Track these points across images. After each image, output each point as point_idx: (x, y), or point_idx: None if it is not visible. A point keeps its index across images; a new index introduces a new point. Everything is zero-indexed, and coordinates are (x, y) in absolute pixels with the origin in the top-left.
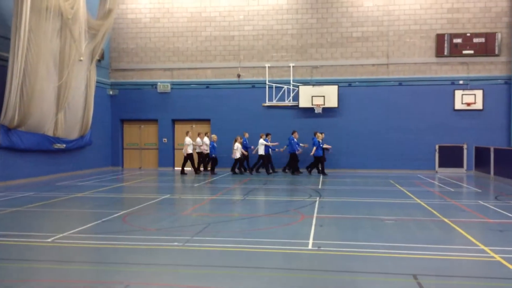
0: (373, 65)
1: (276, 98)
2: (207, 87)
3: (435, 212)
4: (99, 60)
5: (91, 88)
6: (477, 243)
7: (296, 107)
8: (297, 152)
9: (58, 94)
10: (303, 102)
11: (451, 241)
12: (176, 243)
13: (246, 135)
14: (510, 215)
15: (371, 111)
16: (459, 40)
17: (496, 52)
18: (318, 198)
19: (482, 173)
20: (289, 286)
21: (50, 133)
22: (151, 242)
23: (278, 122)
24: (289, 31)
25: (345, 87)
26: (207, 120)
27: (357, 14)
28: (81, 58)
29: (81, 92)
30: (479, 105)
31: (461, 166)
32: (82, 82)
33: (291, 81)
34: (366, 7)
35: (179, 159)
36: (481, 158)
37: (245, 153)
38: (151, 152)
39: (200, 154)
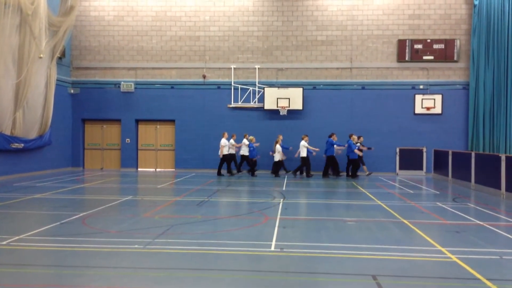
0: (337, 68)
1: (242, 100)
2: (172, 87)
3: (395, 214)
4: (60, 58)
5: (51, 86)
6: (435, 244)
7: (261, 109)
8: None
9: (17, 91)
10: (268, 104)
11: (410, 242)
12: (137, 246)
13: (281, 137)
14: (466, 216)
15: (335, 114)
16: (419, 46)
17: (455, 58)
18: (282, 199)
19: (441, 176)
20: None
21: (7, 132)
22: (111, 244)
23: (244, 123)
24: (255, 33)
25: (309, 89)
26: (171, 121)
27: (322, 18)
28: (41, 55)
29: (40, 90)
30: (438, 110)
31: (420, 168)
32: (42, 80)
33: (257, 83)
34: (331, 12)
35: (142, 159)
36: (439, 161)
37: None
38: (113, 153)
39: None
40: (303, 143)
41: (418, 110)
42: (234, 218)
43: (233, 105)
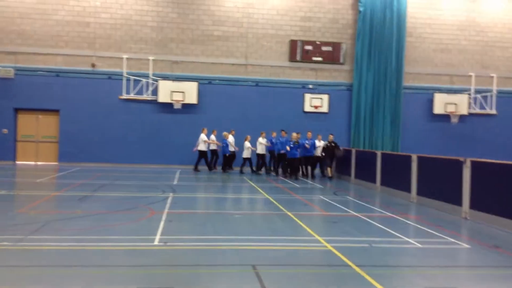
0: (233, 64)
1: (134, 91)
2: (57, 75)
3: (280, 206)
4: None
5: None
6: (313, 233)
7: (155, 102)
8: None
9: None
10: (163, 97)
11: (291, 233)
12: (6, 243)
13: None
14: (344, 208)
15: (230, 110)
16: (310, 47)
17: (341, 60)
18: (171, 194)
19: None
20: (130, 283)
21: None
22: None
23: (136, 116)
24: (149, 23)
25: (205, 84)
26: (55, 111)
27: (219, 13)
28: None
29: None
30: (325, 109)
31: None
32: None
33: (150, 75)
34: (227, 7)
35: (21, 152)
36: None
37: (253, 149)
38: None
39: (214, 151)
40: (261, 139)
41: (307, 108)
42: (118, 213)
43: (125, 96)
